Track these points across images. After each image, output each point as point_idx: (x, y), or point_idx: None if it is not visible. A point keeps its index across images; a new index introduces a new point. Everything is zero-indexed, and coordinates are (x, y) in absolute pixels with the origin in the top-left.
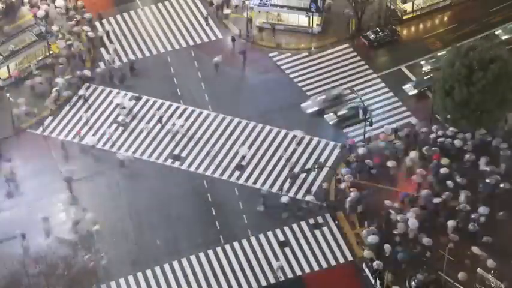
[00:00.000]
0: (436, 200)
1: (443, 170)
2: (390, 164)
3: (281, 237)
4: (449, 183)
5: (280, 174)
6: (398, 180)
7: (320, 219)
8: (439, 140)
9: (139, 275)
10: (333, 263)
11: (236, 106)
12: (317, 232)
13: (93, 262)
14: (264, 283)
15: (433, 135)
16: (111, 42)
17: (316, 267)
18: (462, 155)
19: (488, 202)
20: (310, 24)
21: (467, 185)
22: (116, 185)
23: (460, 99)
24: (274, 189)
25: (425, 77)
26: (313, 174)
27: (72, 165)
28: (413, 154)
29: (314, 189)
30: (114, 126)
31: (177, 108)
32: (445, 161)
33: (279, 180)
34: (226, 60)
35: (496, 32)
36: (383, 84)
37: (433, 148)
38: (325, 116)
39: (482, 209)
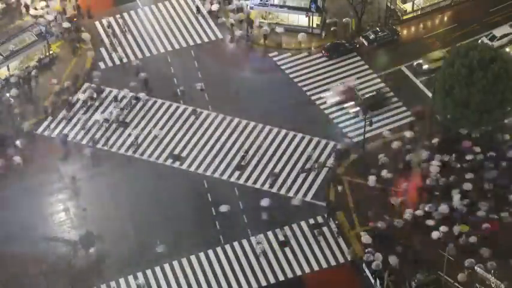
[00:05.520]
0: None
1: None
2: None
3: (281, 237)
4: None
5: (280, 174)
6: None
7: (320, 219)
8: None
9: (139, 275)
10: (333, 263)
11: (236, 106)
12: (317, 232)
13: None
14: (264, 283)
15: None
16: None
17: (316, 267)
18: None
19: None
20: (310, 24)
21: None
22: (116, 185)
23: (460, 99)
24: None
25: None
26: (313, 174)
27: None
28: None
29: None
30: (114, 125)
31: (177, 108)
32: None
33: (279, 180)
34: (226, 60)
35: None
36: (383, 84)
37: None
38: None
39: None
